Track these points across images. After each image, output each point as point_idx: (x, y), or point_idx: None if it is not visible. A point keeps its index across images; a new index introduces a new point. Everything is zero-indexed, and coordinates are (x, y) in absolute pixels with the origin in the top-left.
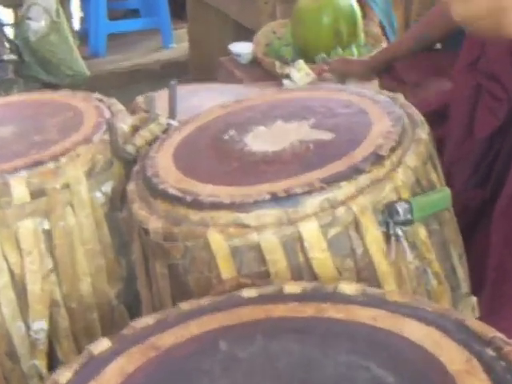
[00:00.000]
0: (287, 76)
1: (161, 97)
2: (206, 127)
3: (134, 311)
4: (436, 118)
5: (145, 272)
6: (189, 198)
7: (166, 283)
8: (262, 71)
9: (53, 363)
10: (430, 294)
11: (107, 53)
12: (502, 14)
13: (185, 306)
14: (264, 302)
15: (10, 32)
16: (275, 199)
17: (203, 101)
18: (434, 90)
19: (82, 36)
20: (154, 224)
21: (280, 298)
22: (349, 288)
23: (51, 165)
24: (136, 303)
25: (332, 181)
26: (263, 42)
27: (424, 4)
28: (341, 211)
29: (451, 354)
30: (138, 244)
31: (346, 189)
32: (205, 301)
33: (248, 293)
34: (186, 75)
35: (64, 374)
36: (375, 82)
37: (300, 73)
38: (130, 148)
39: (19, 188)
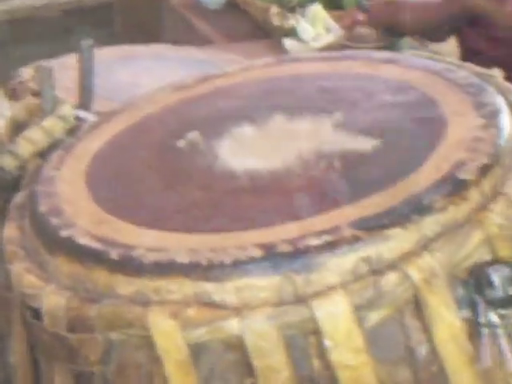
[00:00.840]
0: (291, 32)
1: (65, 68)
2: (145, 126)
3: None
4: None
5: None
6: (115, 254)
7: None
8: (245, 23)
9: None
10: None
11: None
12: None
13: None
14: None
15: None
16: (271, 258)
17: (141, 76)
18: None
19: None
20: (52, 300)
21: None
22: None
23: None
24: None
25: (374, 226)
26: None
27: None
28: (390, 281)
29: None
30: (20, 336)
31: (398, 240)
32: None
33: None
34: (108, 28)
35: None
36: (452, 46)
37: (315, 27)
38: (6, 161)
39: None
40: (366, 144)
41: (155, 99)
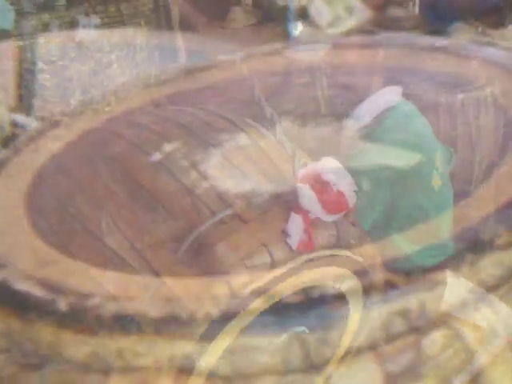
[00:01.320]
0: (302, 14)
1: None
2: (105, 134)
3: None
4: None
5: None
6: (64, 304)
7: None
8: (242, 3)
9: None
10: None
11: None
12: None
13: None
14: None
15: None
16: (276, 310)
17: (103, 70)
18: None
19: None
20: None
21: None
22: None
23: None
24: None
25: (414, 268)
26: None
27: None
28: (435, 342)
29: None
30: None
31: (447, 287)
32: None
33: None
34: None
35: None
36: None
37: (334, 7)
38: None
39: None
40: (403, 159)
41: (120, 99)
